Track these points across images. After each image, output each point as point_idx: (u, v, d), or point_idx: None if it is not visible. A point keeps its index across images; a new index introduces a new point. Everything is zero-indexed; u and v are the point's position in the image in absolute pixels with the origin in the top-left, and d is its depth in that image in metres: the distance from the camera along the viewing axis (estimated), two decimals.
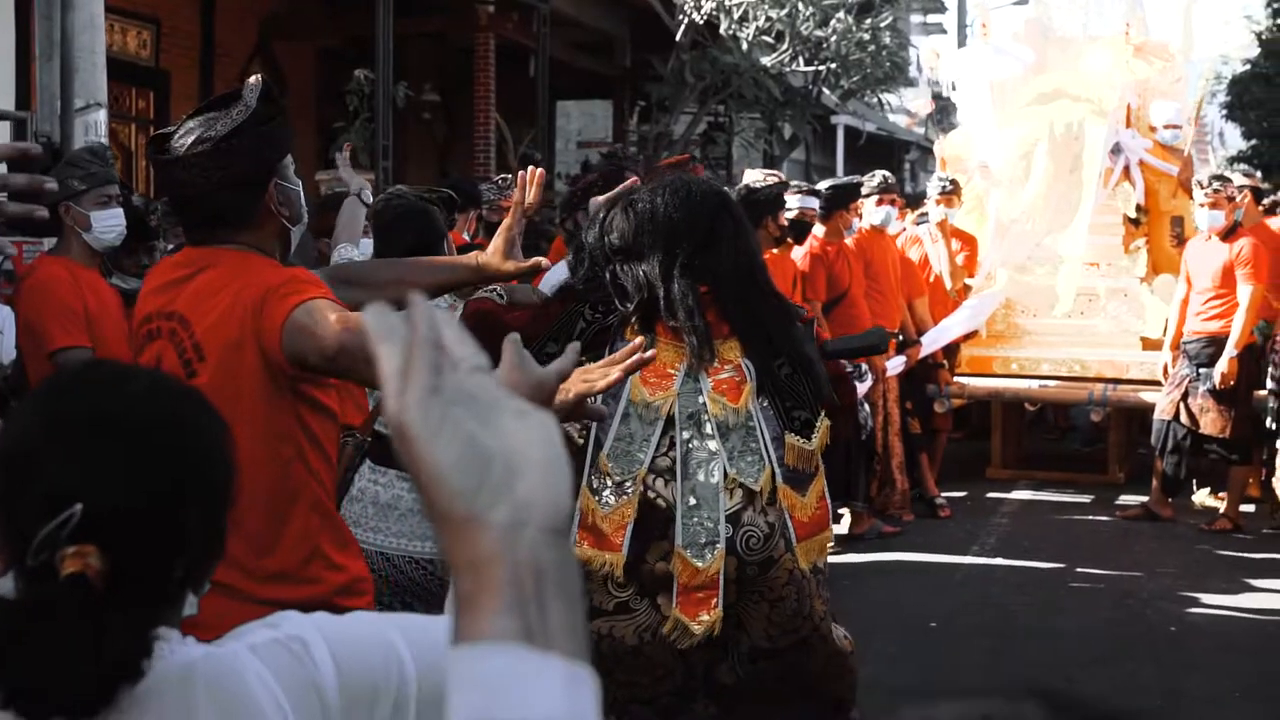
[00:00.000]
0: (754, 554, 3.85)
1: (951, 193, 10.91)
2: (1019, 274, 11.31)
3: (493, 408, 1.00)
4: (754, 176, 8.81)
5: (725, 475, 3.85)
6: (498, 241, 3.58)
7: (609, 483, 3.89)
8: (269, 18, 15.06)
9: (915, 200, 15.04)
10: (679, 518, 3.85)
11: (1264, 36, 29.70)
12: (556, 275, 4.51)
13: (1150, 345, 10.94)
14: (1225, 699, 6.64)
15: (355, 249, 5.11)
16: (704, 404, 3.85)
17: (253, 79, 3.24)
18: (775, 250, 8.42)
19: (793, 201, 9.05)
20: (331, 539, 3.31)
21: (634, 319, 3.92)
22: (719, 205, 4.04)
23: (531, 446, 0.99)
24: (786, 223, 8.73)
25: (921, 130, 33.85)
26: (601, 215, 3.99)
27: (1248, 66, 30.19)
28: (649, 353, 2.02)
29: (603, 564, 3.86)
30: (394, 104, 12.33)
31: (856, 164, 28.99)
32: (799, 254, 9.24)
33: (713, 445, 3.85)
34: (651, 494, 3.87)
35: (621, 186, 4.02)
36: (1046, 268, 11.22)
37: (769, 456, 3.87)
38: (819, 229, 9.42)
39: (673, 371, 3.87)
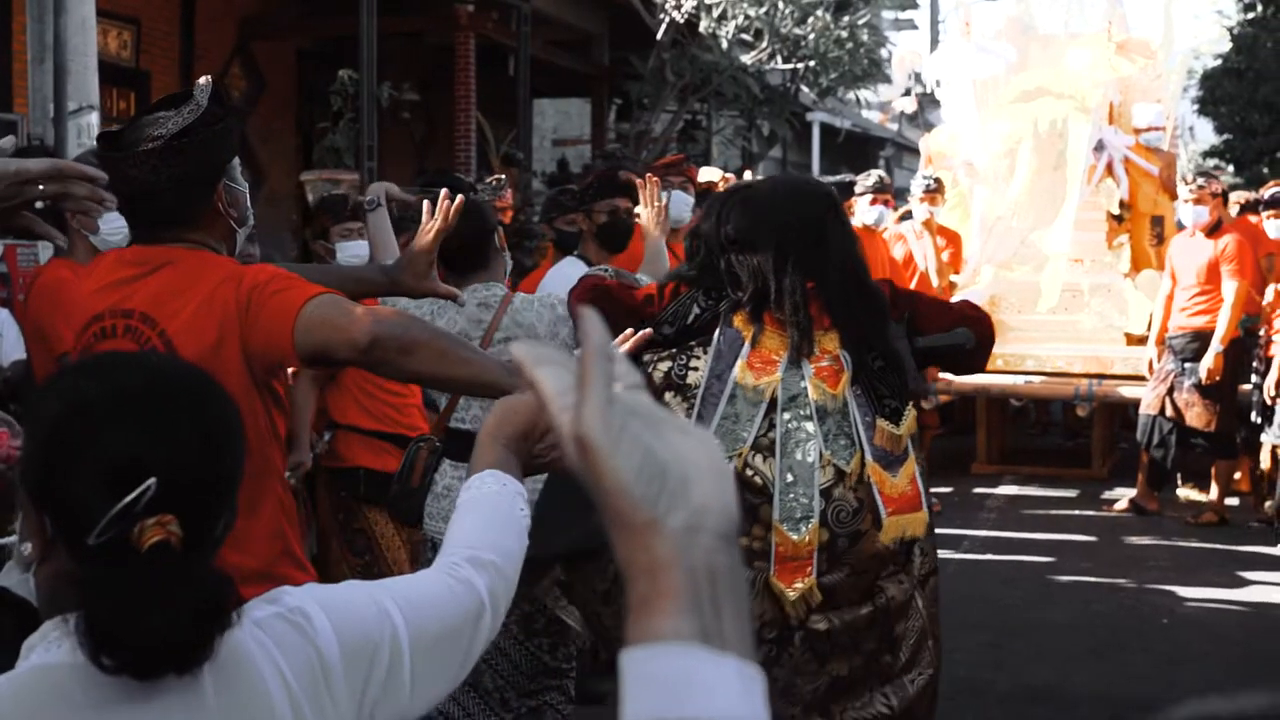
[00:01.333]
0: (844, 527, 4.02)
1: (935, 191, 10.97)
2: (1004, 270, 11.39)
3: (659, 421, 1.04)
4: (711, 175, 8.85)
5: (820, 455, 4.03)
6: (418, 262, 3.68)
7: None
8: (248, 18, 15.03)
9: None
10: (776, 494, 4.03)
11: (1235, 31, 29.83)
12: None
13: (1134, 340, 11.03)
14: (1215, 687, 6.72)
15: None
16: (805, 389, 4.05)
17: (203, 80, 3.24)
18: None
19: None
20: (295, 538, 3.35)
21: (746, 307, 4.09)
22: (830, 206, 4.23)
23: (699, 457, 1.02)
24: None
25: (895, 127, 33.95)
26: (719, 206, 4.15)
27: (1219, 61, 30.33)
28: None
29: None
30: (378, 104, 12.33)
31: (832, 161, 29.07)
32: None
33: (810, 427, 4.03)
34: (750, 471, 4.04)
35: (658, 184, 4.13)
36: (1031, 264, 11.29)
37: (860, 440, 4.05)
38: None
39: (776, 359, 4.05)
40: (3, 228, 2.94)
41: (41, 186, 2.73)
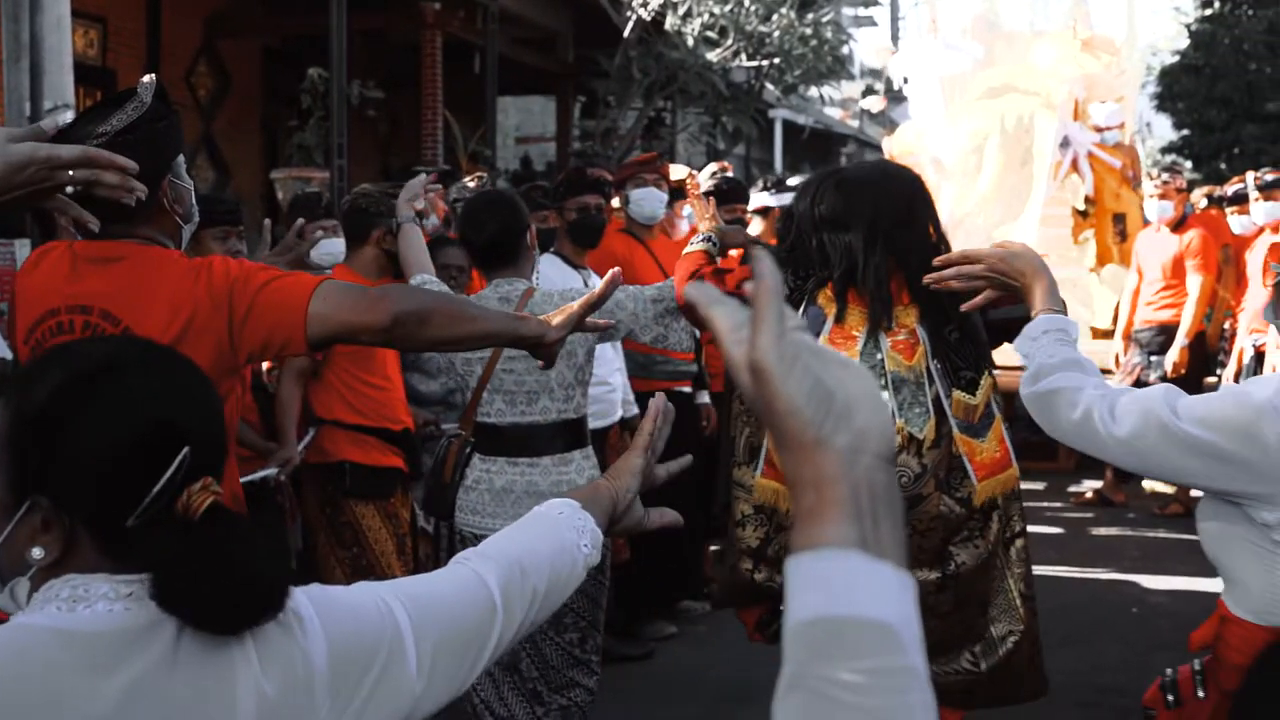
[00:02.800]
0: (904, 491, 4.11)
1: None
2: None
3: (824, 355, 1.14)
4: (705, 173, 8.89)
5: (894, 423, 4.15)
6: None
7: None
8: (214, 16, 15.01)
9: None
10: None
11: (1192, 28, 30.08)
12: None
13: (1099, 334, 11.13)
14: None
15: (430, 275, 5.10)
16: (881, 360, 4.22)
17: (146, 78, 3.27)
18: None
19: (762, 199, 9.14)
20: None
21: (832, 284, 4.22)
22: (916, 188, 4.41)
23: (860, 388, 1.13)
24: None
25: (856, 124, 34.09)
26: (813, 189, 4.30)
27: (1177, 58, 30.58)
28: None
29: (782, 495, 4.29)
30: (347, 102, 12.34)
31: (795, 158, 29.19)
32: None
33: (886, 396, 4.17)
34: None
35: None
36: None
37: (933, 409, 4.19)
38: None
39: (856, 334, 4.22)
40: (34, 209, 2.98)
41: (72, 173, 2.77)
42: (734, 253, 4.91)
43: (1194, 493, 10.46)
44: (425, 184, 5.35)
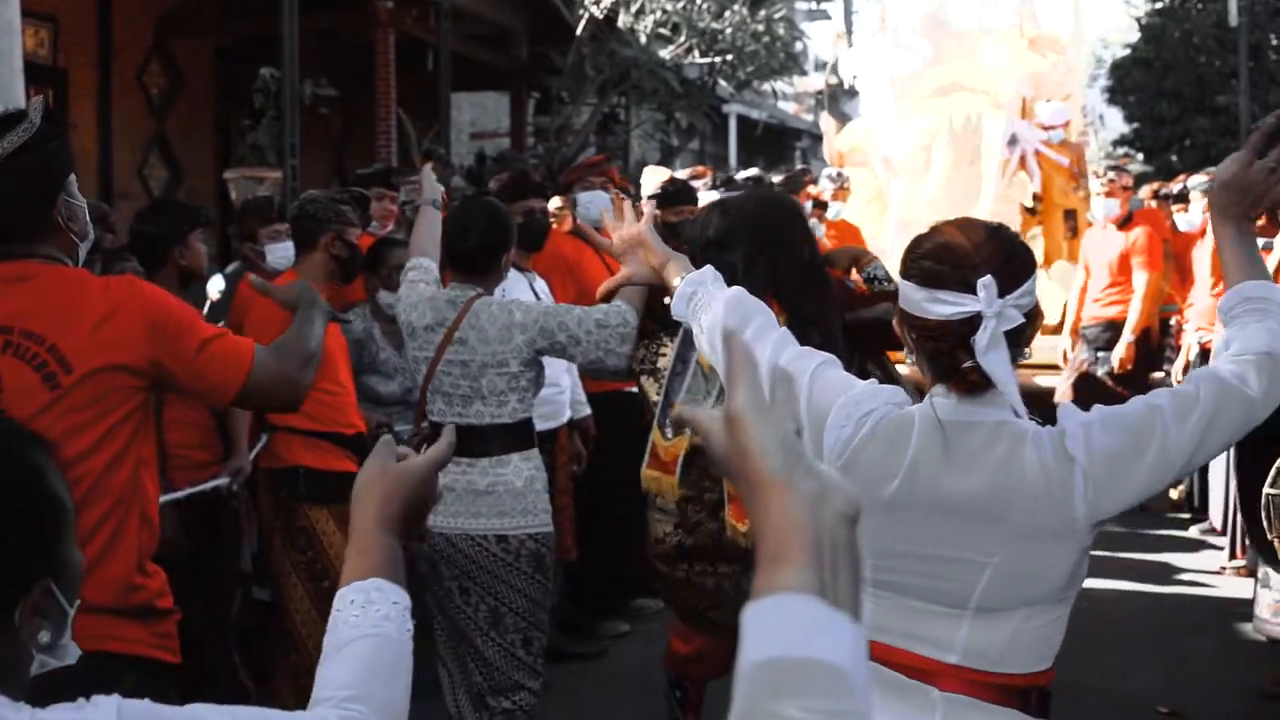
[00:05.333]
0: None
1: (844, 188, 11.33)
2: None
3: (793, 420, 1.24)
4: (654, 175, 8.95)
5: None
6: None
7: (672, 425, 4.93)
8: (166, 15, 14.93)
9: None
10: None
11: (1143, 21, 30.28)
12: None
13: (1049, 330, 11.22)
14: (1132, 668, 6.95)
15: (430, 261, 5.32)
16: None
17: (36, 99, 3.36)
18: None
19: (711, 198, 9.18)
20: (149, 550, 3.43)
21: None
22: (792, 215, 5.00)
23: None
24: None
25: (810, 118, 34.18)
26: (703, 215, 4.89)
27: (1128, 51, 30.77)
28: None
29: (662, 483, 4.97)
30: (300, 101, 12.33)
31: (749, 153, 29.25)
32: None
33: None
34: None
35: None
36: None
37: None
38: None
39: None
40: None
41: None
42: None
43: None
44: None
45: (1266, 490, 4.93)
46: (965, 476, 2.59)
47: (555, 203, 7.89)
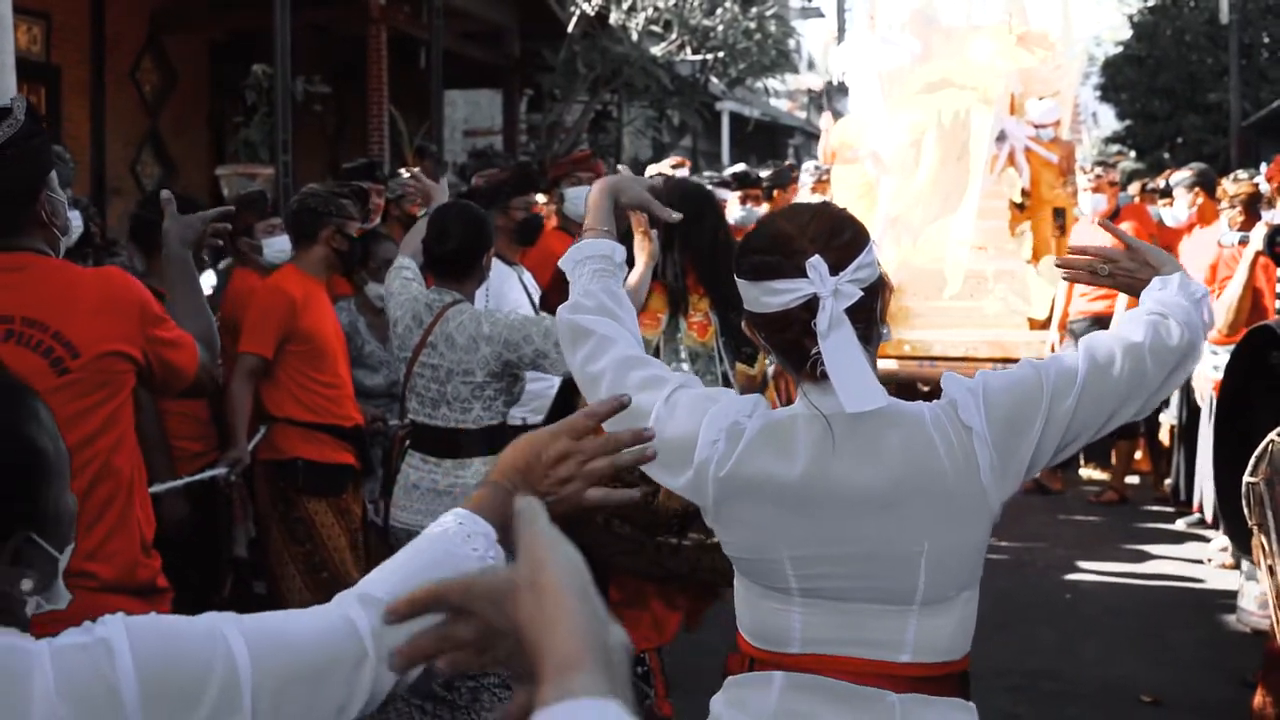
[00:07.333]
0: None
1: (825, 181, 11.45)
2: (909, 258, 11.56)
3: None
4: (665, 165, 9.00)
5: None
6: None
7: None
8: (159, 11, 14.96)
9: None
10: None
11: (1135, 19, 30.34)
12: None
13: (1037, 325, 11.27)
14: (1115, 658, 7.00)
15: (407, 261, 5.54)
16: (681, 337, 5.33)
17: (17, 96, 3.47)
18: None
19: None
20: (148, 527, 3.55)
21: None
22: (705, 199, 5.54)
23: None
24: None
25: (804, 115, 34.22)
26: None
27: (1120, 48, 30.83)
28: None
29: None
30: (293, 98, 12.36)
31: (742, 150, 29.29)
32: None
33: (685, 367, 5.25)
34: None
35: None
36: (936, 252, 11.48)
37: (721, 379, 5.22)
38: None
39: (660, 316, 5.32)
40: None
41: None
42: None
43: (1129, 480, 10.63)
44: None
45: (1246, 479, 4.98)
46: (867, 467, 2.54)
47: (540, 198, 7.93)
